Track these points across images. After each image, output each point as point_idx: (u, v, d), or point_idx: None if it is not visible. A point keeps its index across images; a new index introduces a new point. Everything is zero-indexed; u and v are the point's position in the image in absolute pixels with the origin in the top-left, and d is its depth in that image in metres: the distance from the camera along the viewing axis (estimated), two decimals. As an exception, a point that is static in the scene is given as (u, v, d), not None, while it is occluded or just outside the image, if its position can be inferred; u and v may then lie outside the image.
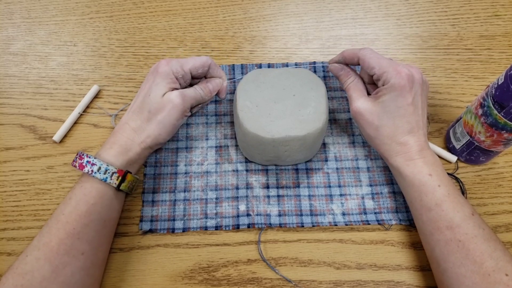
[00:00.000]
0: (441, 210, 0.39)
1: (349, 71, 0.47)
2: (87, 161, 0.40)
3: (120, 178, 0.41)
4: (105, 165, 0.40)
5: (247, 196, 0.48)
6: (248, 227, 0.46)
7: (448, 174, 0.48)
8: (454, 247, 0.37)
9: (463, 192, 0.48)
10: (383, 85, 0.42)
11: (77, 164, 0.41)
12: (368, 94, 0.46)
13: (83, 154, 0.41)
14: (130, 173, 0.43)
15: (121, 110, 0.54)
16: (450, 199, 0.39)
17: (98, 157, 0.41)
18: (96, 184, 0.40)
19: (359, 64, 0.45)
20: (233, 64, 0.56)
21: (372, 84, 0.47)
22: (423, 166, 0.41)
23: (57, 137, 0.51)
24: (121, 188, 0.42)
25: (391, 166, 0.43)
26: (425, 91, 0.43)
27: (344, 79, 0.47)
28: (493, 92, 0.41)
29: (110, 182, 0.41)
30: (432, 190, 0.40)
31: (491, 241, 0.37)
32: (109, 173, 0.40)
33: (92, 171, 0.40)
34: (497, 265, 0.36)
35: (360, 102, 0.44)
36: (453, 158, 0.49)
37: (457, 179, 0.49)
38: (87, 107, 0.54)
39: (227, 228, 0.46)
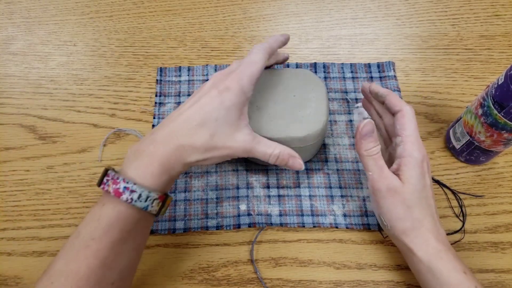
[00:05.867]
0: None
1: (377, 138, 0.40)
2: (125, 187, 0.34)
3: (160, 203, 0.36)
4: (146, 191, 0.35)
5: (247, 196, 0.48)
6: (249, 226, 0.46)
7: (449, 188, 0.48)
8: None
9: (463, 215, 0.47)
10: (402, 156, 0.38)
11: (111, 190, 0.34)
12: None
13: (117, 177, 0.35)
14: (169, 195, 0.38)
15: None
16: None
17: (134, 176, 0.35)
18: (131, 210, 0.35)
19: (382, 102, 0.42)
20: (233, 64, 0.56)
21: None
22: (453, 260, 0.37)
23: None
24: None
25: (420, 261, 0.37)
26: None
27: (370, 146, 0.40)
28: (493, 92, 0.41)
29: (150, 210, 0.35)
30: None
31: None
32: (150, 200, 0.35)
33: (131, 199, 0.34)
34: None
35: (392, 178, 0.38)
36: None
37: (455, 195, 0.49)
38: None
39: (228, 228, 0.46)
